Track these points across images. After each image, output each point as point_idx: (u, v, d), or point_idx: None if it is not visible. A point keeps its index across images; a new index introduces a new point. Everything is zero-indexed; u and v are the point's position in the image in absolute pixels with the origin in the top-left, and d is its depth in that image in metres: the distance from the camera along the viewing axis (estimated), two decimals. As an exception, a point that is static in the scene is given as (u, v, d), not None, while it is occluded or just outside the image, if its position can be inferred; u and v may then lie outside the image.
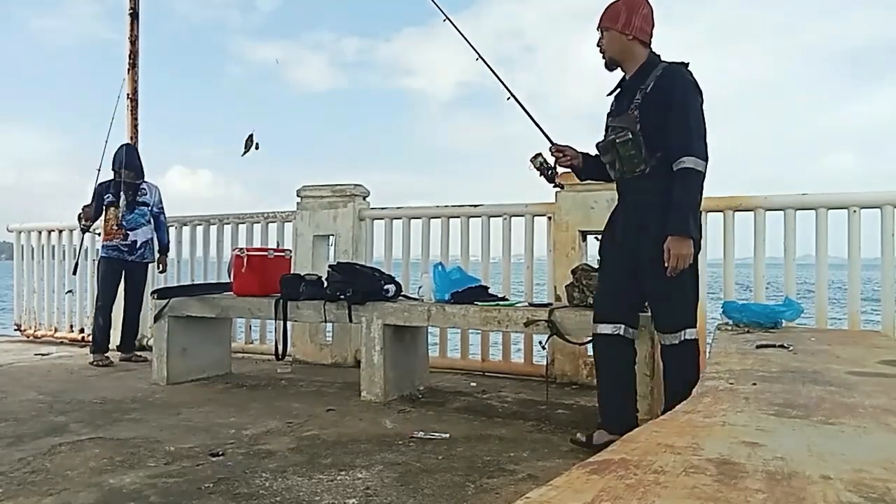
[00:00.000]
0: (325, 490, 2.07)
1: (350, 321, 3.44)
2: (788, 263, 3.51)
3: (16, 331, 6.23)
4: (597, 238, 2.91)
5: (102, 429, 2.83)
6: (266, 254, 3.94)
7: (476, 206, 4.32)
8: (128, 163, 4.62)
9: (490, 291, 3.43)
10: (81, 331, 5.72)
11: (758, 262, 3.55)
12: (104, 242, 4.65)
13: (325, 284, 3.56)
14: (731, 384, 1.53)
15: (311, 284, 3.60)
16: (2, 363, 4.67)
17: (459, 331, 3.98)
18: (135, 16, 5.63)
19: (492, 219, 4.27)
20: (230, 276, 3.93)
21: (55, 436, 2.70)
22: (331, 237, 4.73)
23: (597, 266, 2.81)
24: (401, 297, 3.62)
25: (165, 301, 3.86)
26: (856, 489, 0.79)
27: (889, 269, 3.31)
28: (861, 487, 0.80)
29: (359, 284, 3.44)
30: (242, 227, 5.16)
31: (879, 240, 3.33)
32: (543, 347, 3.19)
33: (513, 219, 4.20)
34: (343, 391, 3.64)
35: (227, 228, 5.22)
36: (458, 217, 4.38)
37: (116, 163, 4.61)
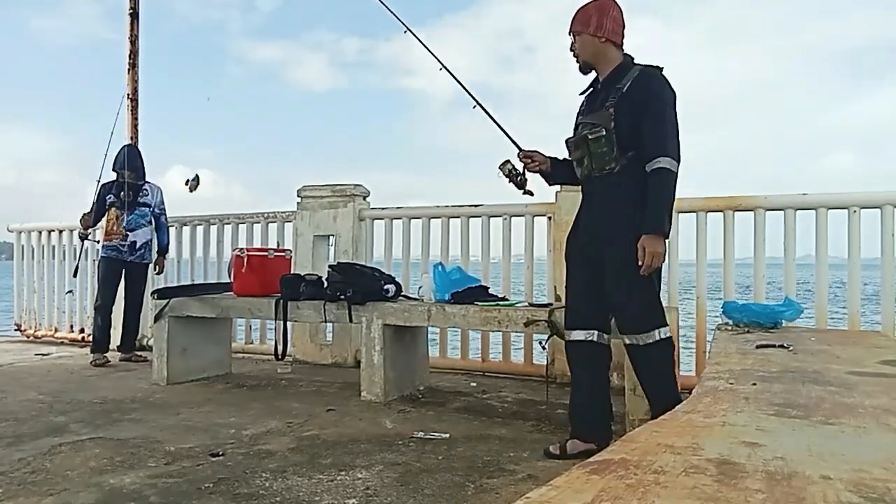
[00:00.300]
0: (325, 490, 2.07)
1: (350, 321, 3.44)
2: (788, 263, 3.51)
3: (16, 331, 6.23)
4: None
5: (102, 429, 2.83)
6: (266, 254, 3.94)
7: (476, 206, 4.32)
8: (129, 164, 4.64)
9: (490, 291, 3.43)
10: (81, 331, 5.72)
11: (758, 262, 3.55)
12: (104, 242, 4.66)
13: (326, 284, 3.56)
14: (731, 384, 1.53)
15: (312, 284, 3.60)
16: (2, 363, 4.67)
17: (459, 331, 3.98)
18: (135, 16, 5.63)
19: (492, 219, 4.27)
20: (230, 276, 3.94)
21: (55, 436, 2.70)
22: (331, 237, 4.73)
23: None
24: (401, 297, 3.61)
25: (165, 301, 3.86)
26: (856, 489, 0.79)
27: (889, 269, 3.31)
28: (861, 487, 0.80)
29: (359, 284, 3.44)
30: (242, 227, 5.17)
31: (879, 240, 3.33)
32: (543, 347, 3.19)
33: (513, 219, 4.20)
34: (343, 391, 3.64)
35: (228, 228, 5.22)
36: (458, 217, 4.38)
37: (118, 164, 4.63)
